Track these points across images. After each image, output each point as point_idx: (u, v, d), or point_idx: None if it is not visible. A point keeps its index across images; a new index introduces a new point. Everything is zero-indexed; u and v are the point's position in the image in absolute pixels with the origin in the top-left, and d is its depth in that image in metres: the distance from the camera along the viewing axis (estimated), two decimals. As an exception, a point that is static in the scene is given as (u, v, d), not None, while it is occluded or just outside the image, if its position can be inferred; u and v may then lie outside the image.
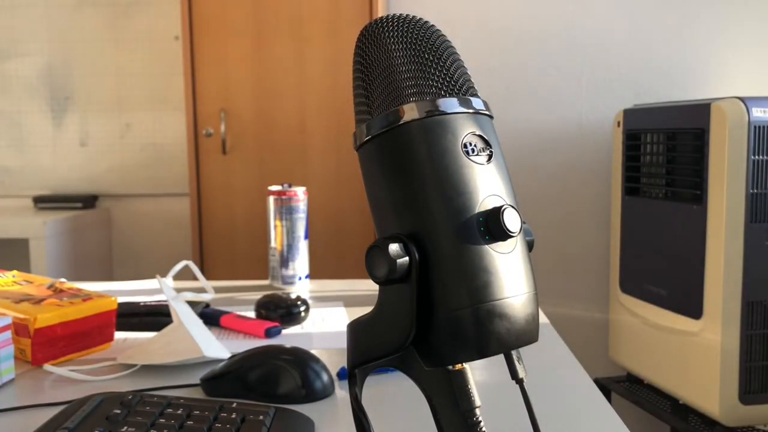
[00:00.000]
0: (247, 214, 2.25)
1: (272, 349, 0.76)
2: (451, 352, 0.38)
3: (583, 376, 0.80)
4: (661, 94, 2.48)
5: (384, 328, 0.40)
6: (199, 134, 2.24)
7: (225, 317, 1.00)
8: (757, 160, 1.71)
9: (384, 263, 0.37)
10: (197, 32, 2.20)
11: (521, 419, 0.42)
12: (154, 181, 2.66)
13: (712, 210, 1.76)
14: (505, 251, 0.38)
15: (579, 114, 2.50)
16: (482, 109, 0.41)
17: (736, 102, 1.72)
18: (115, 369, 0.81)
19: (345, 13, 2.19)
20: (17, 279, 0.99)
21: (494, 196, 0.39)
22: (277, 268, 1.23)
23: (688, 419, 1.88)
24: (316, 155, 2.24)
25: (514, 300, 0.38)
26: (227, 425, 0.59)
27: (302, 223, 1.22)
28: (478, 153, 0.39)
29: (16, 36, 2.64)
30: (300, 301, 1.02)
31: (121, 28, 2.61)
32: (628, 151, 2.14)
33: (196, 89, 2.22)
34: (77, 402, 0.64)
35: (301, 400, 0.71)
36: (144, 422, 0.58)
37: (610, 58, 2.48)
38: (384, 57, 0.40)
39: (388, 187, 0.40)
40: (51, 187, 2.67)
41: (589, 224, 2.52)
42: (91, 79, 2.64)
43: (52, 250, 2.27)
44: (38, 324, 0.81)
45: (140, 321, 0.98)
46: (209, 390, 0.74)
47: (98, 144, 2.66)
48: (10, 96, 2.66)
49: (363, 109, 0.41)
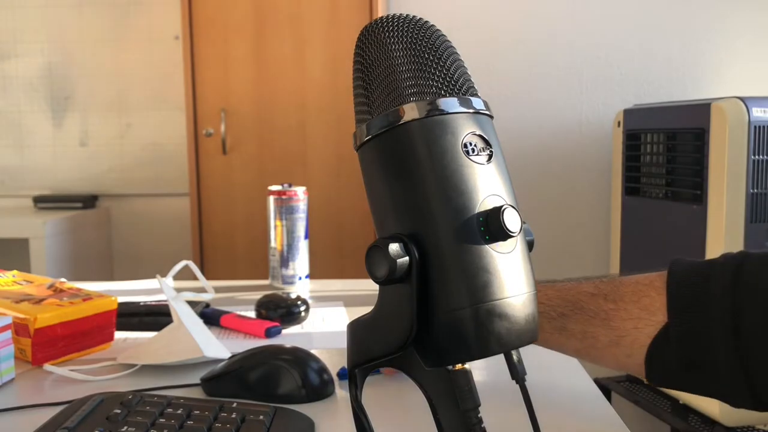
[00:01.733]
0: (247, 214, 2.25)
1: (272, 349, 0.76)
2: (451, 352, 0.38)
3: (583, 376, 0.80)
4: (661, 94, 2.48)
5: (384, 328, 0.40)
6: (199, 134, 2.24)
7: (225, 317, 1.00)
8: (757, 160, 1.71)
9: (384, 263, 0.37)
10: (197, 32, 2.20)
11: (521, 419, 0.42)
12: (154, 181, 2.66)
13: (712, 210, 1.76)
14: (505, 251, 0.38)
15: (579, 114, 2.50)
16: (482, 109, 0.41)
17: (736, 102, 1.72)
18: (115, 369, 0.81)
19: (345, 13, 2.19)
20: (17, 279, 0.99)
21: (494, 195, 0.39)
22: (277, 268, 1.22)
23: (688, 419, 1.88)
24: (316, 155, 2.24)
25: (514, 300, 0.38)
26: (227, 425, 0.59)
27: (302, 223, 1.22)
28: (478, 153, 0.39)
29: (16, 36, 2.64)
30: (300, 301, 1.02)
31: (121, 28, 2.61)
32: (628, 151, 2.14)
33: (196, 89, 2.22)
34: (77, 402, 0.64)
35: (301, 400, 0.71)
36: (144, 422, 0.58)
37: (610, 59, 2.48)
38: (384, 57, 0.40)
39: (388, 186, 0.40)
40: (51, 187, 2.67)
41: (589, 224, 2.52)
42: (91, 79, 2.63)
43: (52, 250, 2.27)
44: (38, 324, 0.81)
45: (140, 321, 0.98)
46: (209, 390, 0.74)
47: (98, 144, 2.66)
48: (10, 96, 2.66)
49: (363, 109, 0.41)
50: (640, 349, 0.62)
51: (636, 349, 0.62)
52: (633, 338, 0.62)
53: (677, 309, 0.60)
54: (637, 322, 0.62)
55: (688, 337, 0.59)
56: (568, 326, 0.66)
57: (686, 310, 0.60)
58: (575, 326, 0.65)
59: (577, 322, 0.65)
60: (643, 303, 0.62)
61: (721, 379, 0.58)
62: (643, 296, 0.63)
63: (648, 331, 0.61)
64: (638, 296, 0.63)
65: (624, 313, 0.63)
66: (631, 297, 0.63)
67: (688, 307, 0.60)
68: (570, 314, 0.66)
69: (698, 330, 0.59)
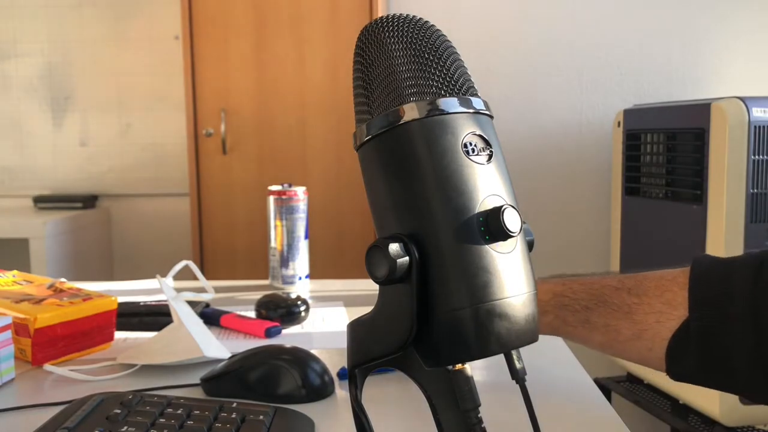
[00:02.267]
0: (247, 214, 2.25)
1: (272, 349, 0.76)
2: (451, 352, 0.38)
3: (583, 376, 0.80)
4: (661, 94, 2.48)
5: (384, 328, 0.40)
6: (199, 134, 2.23)
7: (225, 317, 1.00)
8: (757, 160, 1.71)
9: (384, 263, 0.37)
10: (197, 32, 2.20)
11: (521, 419, 0.42)
12: (154, 181, 2.66)
13: (712, 210, 1.76)
14: (505, 251, 0.38)
15: (579, 114, 2.50)
16: (482, 109, 0.41)
17: (736, 102, 1.72)
18: (115, 369, 0.81)
19: (345, 13, 2.19)
20: (17, 279, 0.99)
21: (494, 195, 0.39)
22: (277, 268, 1.22)
23: (688, 419, 1.88)
24: (316, 155, 2.24)
25: (514, 300, 0.38)
26: (227, 425, 0.59)
27: (302, 223, 1.22)
28: (479, 153, 0.39)
29: (16, 36, 2.64)
30: (300, 301, 1.02)
31: (121, 28, 2.61)
32: (628, 151, 2.14)
33: (196, 89, 2.22)
34: (77, 402, 0.64)
35: (301, 400, 0.71)
36: (144, 422, 0.58)
37: (610, 59, 2.48)
38: (384, 57, 0.40)
39: (388, 186, 0.40)
40: (51, 187, 2.67)
41: (589, 224, 2.52)
42: (91, 79, 2.63)
43: (52, 250, 2.27)
44: (38, 324, 0.81)
45: (140, 321, 0.98)
46: (209, 390, 0.74)
47: (98, 144, 2.66)
48: (10, 96, 2.66)
49: (363, 109, 0.41)
50: (662, 342, 0.63)
51: (657, 343, 0.63)
52: (655, 332, 0.63)
53: (698, 304, 0.61)
54: (659, 316, 0.63)
55: (707, 332, 0.60)
56: (591, 319, 0.67)
57: (707, 305, 0.60)
58: (599, 319, 0.66)
59: (600, 315, 0.66)
60: (665, 297, 0.63)
61: (740, 375, 0.59)
62: (666, 291, 0.64)
63: (669, 325, 0.62)
64: (661, 291, 0.64)
65: (647, 307, 0.64)
66: (654, 291, 0.64)
67: (709, 303, 0.60)
68: (594, 307, 0.67)
69: (718, 325, 0.59)
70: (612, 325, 0.66)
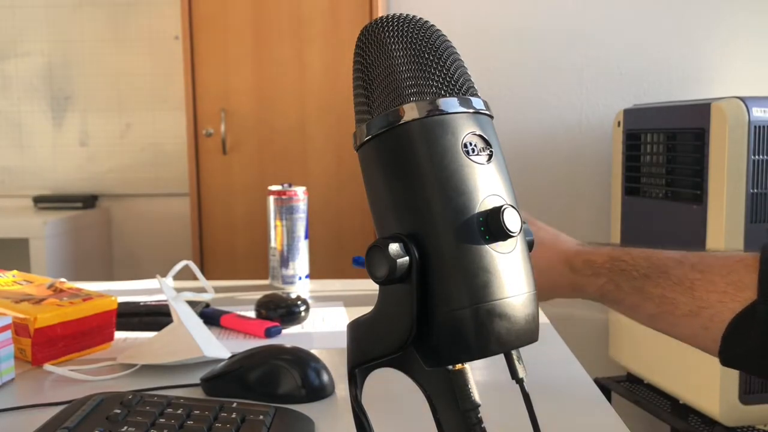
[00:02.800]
0: (247, 214, 2.25)
1: (272, 349, 0.76)
2: (451, 352, 0.38)
3: (583, 376, 0.80)
4: (661, 94, 2.48)
5: (384, 328, 0.40)
6: (199, 134, 2.23)
7: (225, 317, 1.00)
8: (757, 160, 1.71)
9: (384, 263, 0.37)
10: (197, 32, 2.20)
11: (521, 419, 0.42)
12: (154, 181, 2.66)
13: (712, 210, 1.76)
14: (505, 251, 0.38)
15: (579, 114, 2.50)
16: (482, 109, 0.41)
17: (736, 102, 1.72)
18: (115, 369, 0.81)
19: (345, 13, 2.19)
20: (17, 279, 0.99)
21: (494, 195, 0.39)
22: (277, 268, 1.22)
23: (688, 419, 1.88)
24: (316, 155, 2.24)
25: (514, 300, 0.38)
26: (227, 425, 0.59)
27: (302, 223, 1.22)
28: (479, 153, 0.39)
29: (16, 36, 2.64)
30: (300, 300, 1.02)
31: (121, 28, 2.61)
32: (628, 151, 2.14)
33: (196, 89, 2.22)
34: (77, 402, 0.64)
35: (301, 400, 0.71)
36: (144, 422, 0.58)
37: (611, 58, 2.48)
38: (384, 57, 0.40)
39: (388, 186, 0.40)
40: (51, 187, 2.67)
41: (589, 224, 2.52)
42: (91, 79, 2.63)
43: (52, 250, 2.27)
44: (38, 324, 0.81)
45: (140, 321, 0.98)
46: (209, 390, 0.74)
47: (98, 144, 2.66)
48: (10, 96, 2.66)
49: (363, 109, 0.41)
50: (720, 323, 0.61)
51: (715, 323, 0.61)
52: (715, 311, 0.61)
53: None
54: (723, 296, 0.61)
55: None
56: (646, 288, 0.65)
57: None
58: (655, 290, 0.65)
59: (657, 285, 0.64)
60: (731, 278, 0.61)
61: None
62: (732, 271, 0.61)
63: (733, 306, 0.60)
64: (727, 270, 0.62)
65: (710, 285, 0.62)
66: (720, 270, 0.62)
67: None
68: (653, 276, 0.65)
69: None
70: (669, 297, 0.64)
